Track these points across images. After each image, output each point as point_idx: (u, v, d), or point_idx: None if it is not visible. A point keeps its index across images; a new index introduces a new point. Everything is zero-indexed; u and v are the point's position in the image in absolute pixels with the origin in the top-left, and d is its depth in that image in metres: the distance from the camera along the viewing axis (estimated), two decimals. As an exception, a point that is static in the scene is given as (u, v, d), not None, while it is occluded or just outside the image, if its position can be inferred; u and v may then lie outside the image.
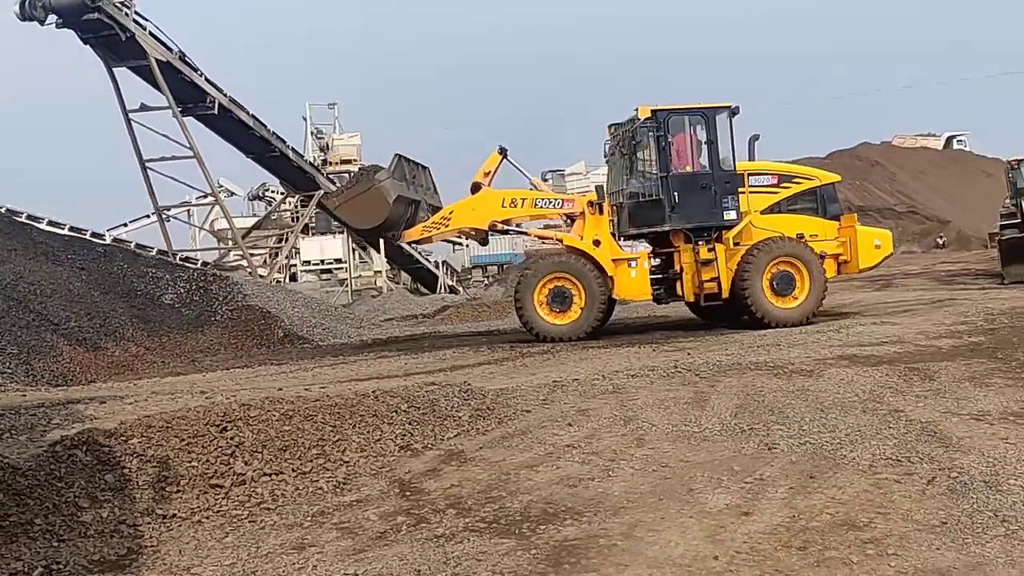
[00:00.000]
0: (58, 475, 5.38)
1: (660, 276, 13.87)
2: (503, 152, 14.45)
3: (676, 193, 13.33)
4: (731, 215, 13.44)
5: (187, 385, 10.35)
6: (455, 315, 22.56)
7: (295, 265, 36.53)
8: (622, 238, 14.21)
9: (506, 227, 14.72)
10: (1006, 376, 7.88)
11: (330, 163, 39.58)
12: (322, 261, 36.88)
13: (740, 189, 13.62)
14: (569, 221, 14.60)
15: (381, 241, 32.97)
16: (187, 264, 24.59)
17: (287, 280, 33.40)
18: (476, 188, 14.26)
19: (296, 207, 34.70)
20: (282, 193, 38.80)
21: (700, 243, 13.44)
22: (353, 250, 36.84)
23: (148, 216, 39.75)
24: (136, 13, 21.88)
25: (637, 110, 13.51)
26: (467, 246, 46.54)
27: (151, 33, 22.30)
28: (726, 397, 7.63)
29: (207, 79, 23.90)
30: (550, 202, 14.46)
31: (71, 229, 26.31)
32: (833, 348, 10.15)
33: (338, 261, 36.64)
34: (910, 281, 22.85)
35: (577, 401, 7.85)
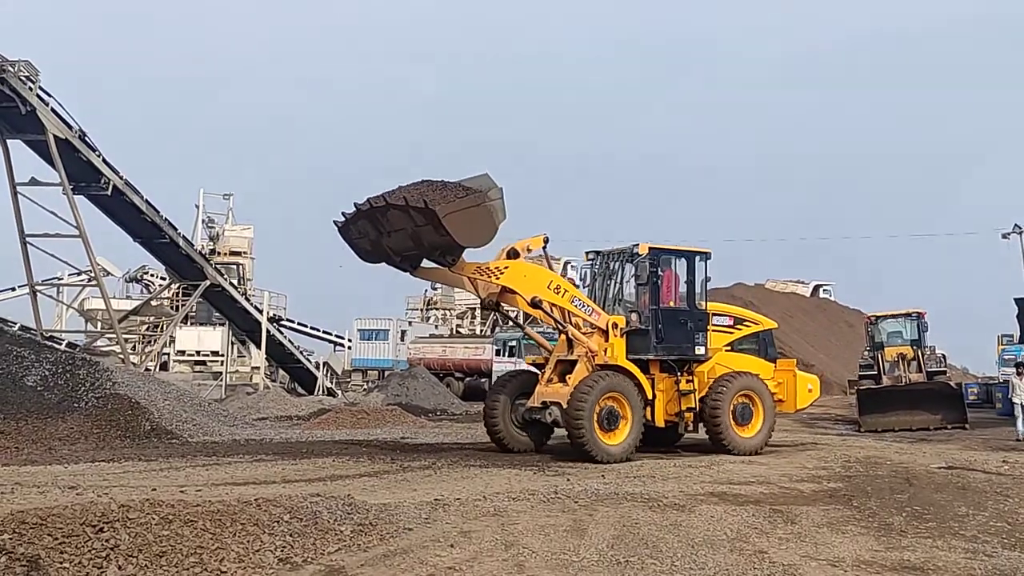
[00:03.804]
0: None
1: None
2: (546, 241, 14.64)
3: (662, 326, 14.06)
4: (701, 350, 14.41)
5: (49, 477, 9.83)
6: (333, 420, 22.01)
7: (167, 354, 35.19)
8: None
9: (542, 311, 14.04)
10: (859, 524, 8.48)
11: (219, 253, 38.85)
12: (198, 352, 35.69)
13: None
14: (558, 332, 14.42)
15: (263, 335, 32.44)
16: (53, 344, 23.36)
17: (157, 369, 32.07)
18: (514, 255, 13.96)
19: (178, 295, 33.72)
20: (163, 279, 37.67)
21: (680, 374, 14.17)
22: (232, 344, 35.86)
23: (13, 289, 37.93)
24: (40, 88, 21.53)
25: (638, 245, 14.14)
26: (349, 348, 46.13)
27: (53, 109, 21.93)
28: (603, 527, 7.88)
29: (104, 160, 23.47)
30: (583, 305, 13.99)
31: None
32: (704, 484, 10.63)
33: (215, 353, 35.53)
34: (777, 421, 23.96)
35: (459, 522, 7.94)
